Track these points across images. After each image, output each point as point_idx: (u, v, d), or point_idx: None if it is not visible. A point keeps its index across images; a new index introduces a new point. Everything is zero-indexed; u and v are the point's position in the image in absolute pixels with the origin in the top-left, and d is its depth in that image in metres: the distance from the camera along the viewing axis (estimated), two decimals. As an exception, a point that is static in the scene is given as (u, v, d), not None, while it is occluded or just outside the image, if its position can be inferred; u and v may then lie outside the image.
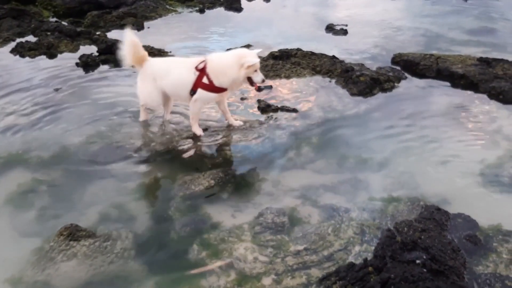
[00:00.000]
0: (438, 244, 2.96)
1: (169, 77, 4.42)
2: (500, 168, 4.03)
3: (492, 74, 5.56)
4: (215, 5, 9.16)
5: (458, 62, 5.92)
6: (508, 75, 5.53)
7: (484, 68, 5.74)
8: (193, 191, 3.75)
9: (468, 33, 7.46)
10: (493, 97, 5.22)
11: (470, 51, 6.52)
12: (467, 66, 5.80)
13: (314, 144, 4.46)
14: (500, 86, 5.25)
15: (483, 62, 5.91)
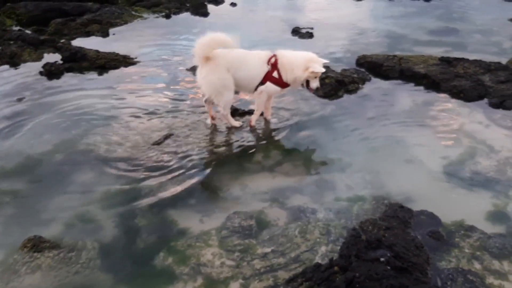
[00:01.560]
0: (401, 242, 3.01)
1: (244, 68, 4.50)
2: (462, 165, 4.13)
3: (453, 73, 5.71)
4: (181, 10, 9.14)
5: (420, 62, 6.06)
6: (469, 74, 5.68)
7: (446, 67, 5.88)
8: (160, 198, 3.72)
9: (430, 33, 7.64)
10: (455, 95, 5.35)
11: (432, 51, 6.67)
12: (429, 66, 5.94)
13: (282, 146, 4.50)
14: (461, 84, 5.39)
15: (444, 61, 6.05)
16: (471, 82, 5.43)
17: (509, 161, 4.13)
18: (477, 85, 5.35)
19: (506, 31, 7.64)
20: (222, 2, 9.78)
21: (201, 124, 4.78)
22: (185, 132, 4.64)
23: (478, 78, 5.57)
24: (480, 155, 4.25)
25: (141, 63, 6.50)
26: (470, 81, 5.44)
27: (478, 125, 4.76)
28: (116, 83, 5.84)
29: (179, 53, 6.83)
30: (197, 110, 5.05)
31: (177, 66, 6.37)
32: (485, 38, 7.36)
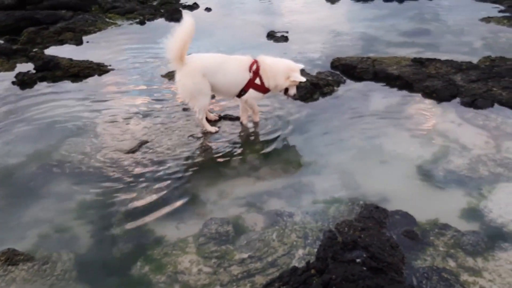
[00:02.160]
0: (377, 242, 3.04)
1: (223, 74, 4.49)
2: (435, 164, 4.19)
3: (426, 73, 5.79)
4: (156, 16, 9.10)
5: (393, 64, 6.13)
6: (441, 74, 5.77)
7: (418, 68, 5.97)
8: (135, 207, 3.69)
9: (403, 35, 7.74)
10: (427, 95, 5.43)
11: (405, 52, 6.76)
12: (402, 67, 6.02)
13: (258, 151, 4.51)
14: (433, 85, 5.47)
15: (417, 62, 6.14)
16: (443, 82, 5.52)
17: (481, 159, 4.20)
18: (449, 85, 5.44)
19: (477, 31, 7.79)
20: (197, 8, 9.77)
21: (176, 130, 4.76)
22: (161, 139, 4.61)
23: (450, 78, 5.66)
24: (453, 154, 4.32)
25: (115, 71, 6.45)
26: (442, 81, 5.53)
27: (450, 124, 4.84)
28: (90, 92, 5.77)
29: (154, 59, 6.79)
30: (172, 117, 5.03)
31: (153, 73, 6.33)
32: (456, 38, 7.48)
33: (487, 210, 3.58)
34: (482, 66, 6.02)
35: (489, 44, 7.10)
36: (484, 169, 4.06)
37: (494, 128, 4.71)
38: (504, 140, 4.49)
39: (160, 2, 10.11)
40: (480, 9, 9.11)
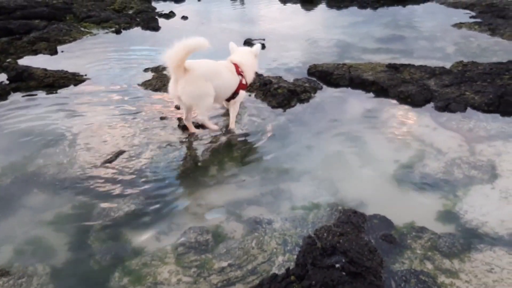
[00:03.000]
0: (355, 247, 3.06)
1: (219, 78, 4.63)
2: (411, 168, 4.25)
3: (400, 79, 5.89)
4: (132, 25, 9.06)
5: (369, 70, 6.22)
6: (415, 79, 5.88)
7: (393, 73, 6.07)
8: (113, 218, 3.64)
9: (377, 41, 7.87)
10: (402, 100, 5.52)
11: (380, 58, 6.87)
12: (377, 73, 6.11)
13: (236, 158, 4.51)
14: (408, 90, 5.56)
15: (391, 68, 6.24)
16: (417, 87, 5.62)
17: (456, 162, 4.28)
18: (423, 90, 5.54)
19: (449, 37, 7.96)
20: (173, 16, 9.76)
21: (154, 139, 4.73)
22: (138, 148, 4.58)
23: (424, 83, 5.77)
24: (428, 158, 4.39)
25: (91, 80, 6.39)
26: (417, 86, 5.63)
27: (425, 128, 4.93)
28: (65, 102, 5.70)
29: (130, 68, 6.75)
30: (149, 126, 5.00)
31: (129, 81, 6.29)
32: (429, 44, 7.63)
33: (462, 212, 3.65)
34: (455, 71, 6.15)
35: (461, 49, 7.26)
36: (459, 172, 4.14)
37: (468, 131, 4.81)
38: (477, 143, 4.59)
39: (136, 11, 10.08)
40: (452, 15, 9.32)
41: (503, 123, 4.95)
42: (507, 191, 3.86)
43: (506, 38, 7.68)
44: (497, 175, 4.09)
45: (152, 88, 5.99)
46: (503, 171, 4.14)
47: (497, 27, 8.16)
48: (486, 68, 6.10)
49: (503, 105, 5.22)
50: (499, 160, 4.30)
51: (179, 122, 5.00)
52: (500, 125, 4.91)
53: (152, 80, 6.22)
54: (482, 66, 6.21)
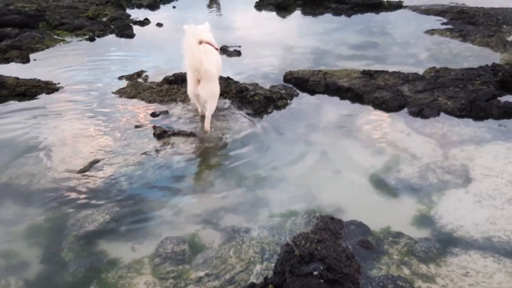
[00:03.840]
0: (333, 253, 3.07)
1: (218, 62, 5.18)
2: (387, 173, 4.29)
3: (375, 85, 5.96)
4: (106, 32, 8.95)
5: (344, 76, 6.28)
6: (389, 85, 5.95)
7: (367, 80, 6.13)
8: (87, 229, 3.57)
9: (352, 48, 7.95)
10: (377, 106, 5.58)
11: (354, 65, 6.94)
12: (352, 79, 6.17)
13: (213, 166, 4.48)
14: (382, 96, 5.63)
15: (366, 74, 6.31)
16: (391, 93, 5.69)
17: (430, 166, 4.34)
18: (397, 96, 5.61)
19: (422, 43, 8.09)
20: (148, 23, 9.69)
21: (128, 148, 4.67)
22: (112, 157, 4.51)
23: (398, 89, 5.85)
24: (403, 163, 4.44)
25: (64, 88, 6.28)
26: (391, 92, 5.70)
27: (400, 133, 4.98)
28: (38, 111, 5.59)
29: (105, 76, 6.67)
30: (124, 134, 4.94)
31: (103, 89, 6.21)
32: (403, 51, 7.75)
33: (437, 216, 3.69)
34: (428, 76, 6.25)
35: (434, 55, 7.39)
36: (433, 177, 4.20)
37: (441, 136, 4.89)
38: (451, 147, 4.66)
39: (110, 18, 9.98)
40: (424, 22, 9.49)
41: (475, 128, 5.05)
42: (480, 195, 3.93)
43: (477, 44, 7.85)
44: (471, 179, 4.16)
45: (126, 96, 5.92)
46: (476, 175, 4.21)
47: (468, 33, 8.34)
48: (458, 74, 6.22)
49: (474, 110, 5.33)
50: (472, 165, 4.37)
51: (154, 131, 4.94)
52: (472, 130, 5.00)
53: (126, 88, 6.15)
54: (454, 72, 6.33)
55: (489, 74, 6.11)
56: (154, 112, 5.39)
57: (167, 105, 5.64)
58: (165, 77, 6.37)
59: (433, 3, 10.81)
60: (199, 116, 5.32)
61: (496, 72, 6.13)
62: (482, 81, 5.93)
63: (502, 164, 4.37)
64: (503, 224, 3.58)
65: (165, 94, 5.87)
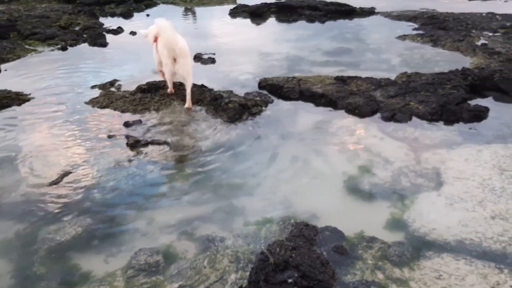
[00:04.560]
0: (308, 260, 3.07)
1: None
2: (361, 178, 4.32)
3: (348, 91, 6.02)
4: (79, 41, 8.84)
5: (318, 83, 6.32)
6: (362, 91, 6.02)
7: (341, 86, 6.19)
8: (59, 242, 3.50)
9: (326, 54, 8.02)
10: (350, 112, 5.63)
11: (328, 71, 7.00)
12: (325, 85, 6.21)
13: (188, 175, 4.44)
14: (355, 101, 5.68)
15: (339, 80, 6.37)
16: (364, 98, 5.75)
17: (403, 170, 4.39)
18: (370, 101, 5.68)
19: (394, 49, 8.22)
20: (122, 32, 9.61)
21: (101, 159, 4.60)
22: (84, 168, 4.44)
23: (371, 94, 5.92)
24: (377, 167, 4.48)
25: (36, 99, 6.17)
26: (364, 98, 5.76)
27: (373, 138, 5.03)
28: (8, 122, 5.47)
29: (77, 86, 6.57)
30: (97, 145, 4.87)
31: (76, 99, 6.12)
32: (375, 56, 7.85)
33: (410, 220, 3.73)
34: (400, 81, 6.35)
35: (405, 61, 7.51)
36: (406, 181, 4.25)
37: (413, 140, 4.96)
38: (423, 151, 4.73)
39: (83, 27, 9.86)
40: (396, 27, 9.65)
41: (446, 131, 5.14)
42: (452, 198, 3.99)
43: (447, 48, 8.01)
44: (442, 182, 4.22)
45: (99, 106, 5.85)
46: (448, 178, 4.28)
47: (438, 38, 8.50)
48: (429, 78, 6.33)
49: (445, 114, 5.42)
50: (444, 168, 4.44)
51: (127, 140, 4.89)
52: (443, 133, 5.09)
53: (99, 97, 6.07)
54: (425, 77, 6.44)
55: (459, 78, 6.25)
56: (127, 122, 5.34)
57: (140, 114, 5.59)
58: (138, 85, 6.32)
59: (405, 9, 11.01)
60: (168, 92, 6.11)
61: (466, 76, 6.27)
62: (453, 85, 6.05)
63: (473, 166, 4.45)
64: (475, 226, 3.64)
65: (139, 103, 5.82)
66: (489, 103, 5.84)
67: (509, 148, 4.75)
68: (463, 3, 12.15)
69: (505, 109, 5.74)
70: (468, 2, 12.35)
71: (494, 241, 3.48)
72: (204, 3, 12.37)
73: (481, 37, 8.52)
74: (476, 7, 11.17)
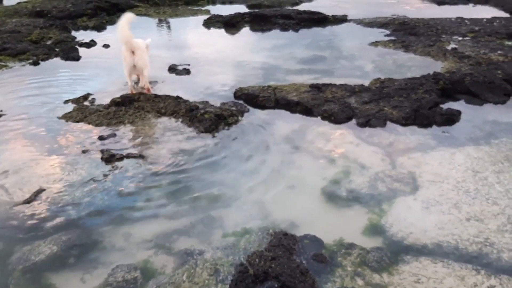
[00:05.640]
0: (287, 270, 3.06)
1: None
2: (338, 184, 4.35)
3: (323, 98, 6.06)
4: (51, 56, 8.69)
5: (293, 91, 6.35)
6: (337, 98, 6.07)
7: (316, 93, 6.23)
8: (34, 262, 3.42)
9: (300, 62, 8.06)
10: (326, 119, 5.66)
11: (303, 79, 7.04)
12: (301, 93, 6.25)
13: (165, 188, 4.39)
14: (331, 108, 5.73)
15: (314, 88, 6.41)
16: (339, 105, 5.80)
17: (379, 176, 4.44)
18: (345, 108, 5.73)
19: (367, 55, 8.31)
20: (94, 45, 9.50)
21: (75, 175, 4.52)
22: (59, 185, 4.35)
23: (345, 101, 5.97)
24: (353, 174, 4.51)
25: (7, 116, 6.02)
26: (338, 105, 5.81)
27: (349, 145, 5.07)
28: (-22, 140, 5.34)
29: (50, 101, 6.45)
30: (71, 160, 4.79)
31: (49, 115, 6.00)
32: (349, 63, 7.93)
33: (388, 225, 3.76)
34: (373, 88, 6.42)
35: (378, 67, 7.60)
36: (383, 186, 4.29)
37: (388, 145, 5.01)
38: (398, 156, 4.79)
39: (54, 41, 9.71)
40: (369, 34, 9.77)
41: (420, 136, 5.21)
42: (428, 201, 4.04)
43: (419, 54, 8.15)
44: (418, 186, 4.27)
45: (73, 120, 5.75)
46: (423, 182, 4.33)
47: (410, 44, 8.65)
48: (402, 84, 6.43)
49: (419, 118, 5.50)
50: (419, 172, 4.50)
51: (102, 155, 4.82)
52: (417, 138, 5.16)
53: (73, 112, 5.98)
54: (398, 82, 6.53)
55: (431, 83, 6.36)
56: (102, 136, 5.26)
57: (115, 128, 5.52)
58: (112, 99, 6.25)
59: (376, 16, 11.16)
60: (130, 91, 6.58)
61: (438, 81, 6.38)
62: (425, 89, 6.15)
63: (447, 169, 4.52)
64: (451, 229, 3.69)
65: (113, 117, 5.75)
66: (461, 106, 5.96)
67: (481, 150, 4.85)
68: (433, 9, 12.40)
69: (476, 111, 5.86)
70: (438, 7, 12.60)
71: (470, 242, 3.53)
72: (177, 14, 12.32)
73: (451, 42, 8.70)
74: (446, 12, 11.40)
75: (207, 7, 13.30)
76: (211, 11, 12.47)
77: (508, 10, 11.76)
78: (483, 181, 4.30)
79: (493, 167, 4.52)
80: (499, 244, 3.51)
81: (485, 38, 8.83)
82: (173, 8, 13.12)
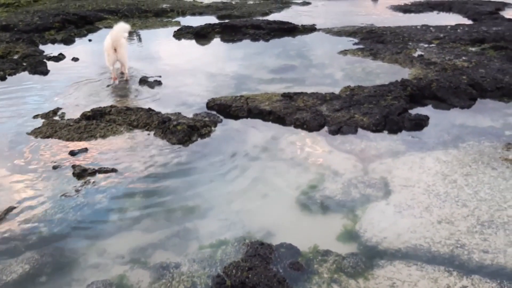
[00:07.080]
0: (264, 280, 3.07)
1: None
2: (312, 192, 4.39)
3: (295, 107, 6.12)
4: (18, 70, 8.52)
5: (265, 100, 6.40)
6: (308, 106, 6.14)
7: (288, 102, 6.29)
8: (5, 282, 3.33)
9: (272, 71, 8.12)
10: (298, 127, 5.72)
11: (275, 88, 7.09)
12: (273, 102, 6.30)
13: (138, 202, 4.35)
14: (303, 117, 5.79)
15: (286, 97, 6.47)
16: (311, 113, 5.87)
17: (352, 182, 4.50)
18: (317, 116, 5.80)
19: (336, 63, 8.44)
20: (63, 58, 9.36)
21: (46, 191, 4.44)
22: (29, 202, 4.26)
23: (317, 109, 6.05)
24: (327, 181, 4.57)
25: (-27, 133, 5.88)
26: (310, 113, 5.88)
27: (322, 152, 5.14)
28: None
29: (18, 116, 6.32)
30: (41, 176, 4.70)
31: (17, 131, 5.87)
32: (319, 72, 8.03)
33: (362, 230, 3.82)
34: (344, 95, 6.52)
35: (348, 75, 7.73)
36: (356, 192, 4.35)
37: (360, 152, 5.10)
38: (370, 162, 4.87)
39: (22, 55, 9.52)
40: (337, 43, 9.93)
41: (390, 141, 5.32)
42: (400, 205, 4.12)
43: (386, 61, 8.32)
44: (390, 191, 4.36)
45: (42, 136, 5.65)
46: (395, 186, 4.42)
47: (378, 51, 8.83)
48: (371, 91, 6.55)
49: (388, 124, 5.62)
50: (391, 177, 4.59)
51: (73, 170, 4.75)
52: (388, 143, 5.26)
53: (42, 127, 5.87)
54: (367, 89, 6.66)
55: (399, 89, 6.50)
56: (73, 151, 5.19)
57: (86, 142, 5.44)
58: (83, 112, 6.17)
59: (344, 25, 11.36)
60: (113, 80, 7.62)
61: (406, 87, 6.53)
62: (393, 96, 6.28)
63: (418, 173, 4.62)
64: (423, 232, 3.77)
65: (84, 131, 5.67)
66: (429, 111, 6.11)
67: (450, 154, 4.98)
68: (399, 17, 12.70)
69: (443, 116, 6.02)
70: (403, 16, 12.92)
71: (442, 245, 3.62)
72: (147, 26, 12.26)
73: (417, 49, 8.92)
74: (411, 20, 11.70)
75: (177, 18, 13.28)
76: (181, 23, 12.47)
77: (471, 17, 12.15)
78: (453, 184, 4.42)
79: (461, 170, 4.65)
80: (469, 245, 3.60)
81: (450, 45, 9.09)
82: (142, 20, 13.04)
